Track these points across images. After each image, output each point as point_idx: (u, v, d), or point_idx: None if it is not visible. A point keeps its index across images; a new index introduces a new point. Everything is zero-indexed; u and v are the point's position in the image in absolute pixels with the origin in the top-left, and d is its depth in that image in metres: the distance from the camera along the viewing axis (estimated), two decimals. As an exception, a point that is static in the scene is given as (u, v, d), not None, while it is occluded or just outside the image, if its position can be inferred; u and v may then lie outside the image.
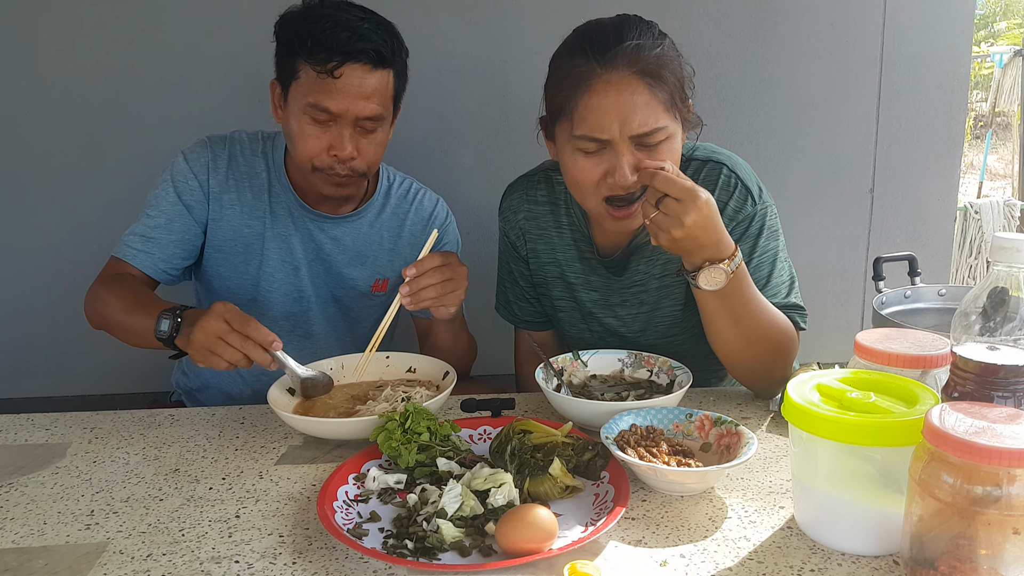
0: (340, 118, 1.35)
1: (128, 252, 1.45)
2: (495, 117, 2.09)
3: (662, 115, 1.18)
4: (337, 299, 1.60)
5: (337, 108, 1.33)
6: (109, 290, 1.39)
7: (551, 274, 1.47)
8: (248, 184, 1.50)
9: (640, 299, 1.41)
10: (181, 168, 1.47)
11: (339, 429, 1.13)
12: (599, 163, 1.21)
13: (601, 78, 1.17)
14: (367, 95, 1.34)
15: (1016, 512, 0.69)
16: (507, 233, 1.51)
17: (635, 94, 1.16)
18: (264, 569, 0.86)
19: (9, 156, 2.04)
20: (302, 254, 1.54)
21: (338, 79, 1.32)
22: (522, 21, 2.03)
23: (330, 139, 1.37)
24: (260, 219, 1.51)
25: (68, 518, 0.99)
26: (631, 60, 1.17)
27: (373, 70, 1.34)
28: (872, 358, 0.98)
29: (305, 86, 1.34)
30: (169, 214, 1.46)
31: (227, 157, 1.50)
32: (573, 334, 1.50)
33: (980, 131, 9.17)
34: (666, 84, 1.19)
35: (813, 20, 2.08)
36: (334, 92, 1.32)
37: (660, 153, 1.20)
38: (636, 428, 1.07)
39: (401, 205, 1.60)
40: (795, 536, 0.90)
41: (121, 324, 1.36)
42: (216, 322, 1.14)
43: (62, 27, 1.97)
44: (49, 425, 1.28)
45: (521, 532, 0.84)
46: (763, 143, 2.13)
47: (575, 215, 1.42)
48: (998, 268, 0.85)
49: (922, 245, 2.23)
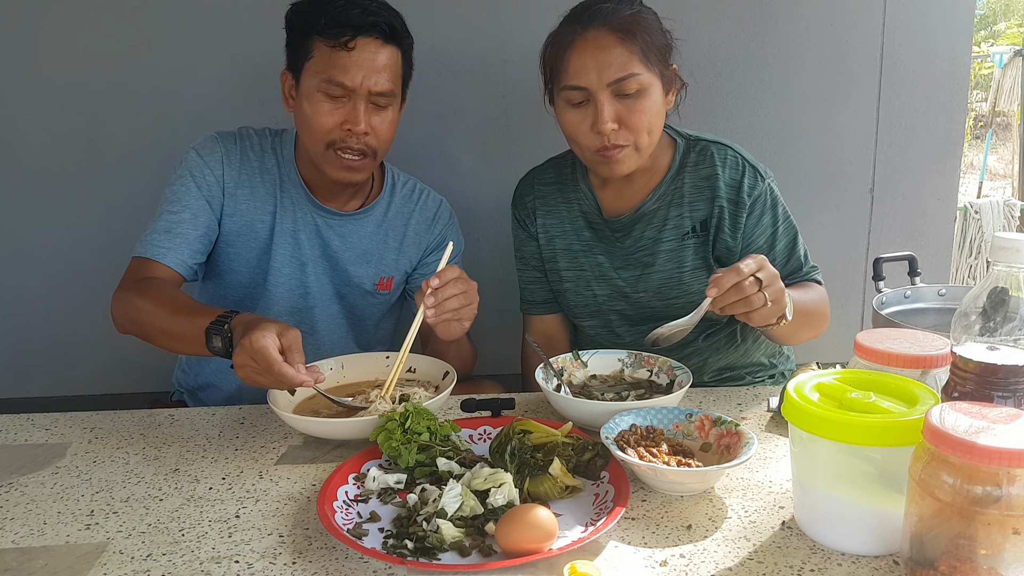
0: (354, 93, 1.37)
1: (156, 251, 1.41)
2: (495, 117, 2.09)
3: (636, 64, 1.31)
4: (341, 296, 1.60)
5: (352, 82, 1.36)
6: (144, 297, 1.33)
7: (559, 246, 1.55)
8: (260, 179, 1.51)
9: (643, 262, 1.48)
10: (197, 163, 1.47)
11: (339, 429, 1.13)
12: (585, 116, 1.34)
13: (581, 35, 1.32)
14: (379, 68, 1.38)
15: (1016, 512, 0.69)
16: (517, 217, 1.60)
17: (610, 46, 1.30)
18: (264, 569, 0.86)
19: (9, 156, 2.04)
20: (309, 250, 1.54)
21: (352, 51, 1.35)
22: (522, 21, 2.03)
23: (344, 114, 1.39)
24: (271, 213, 1.51)
25: (68, 518, 0.99)
26: (606, 19, 1.31)
27: (384, 44, 1.38)
28: (872, 358, 0.98)
29: (319, 63, 1.37)
30: (193, 209, 1.45)
31: (239, 152, 1.51)
32: (577, 303, 1.55)
33: (980, 131, 9.17)
34: (638, 40, 1.31)
35: (813, 20, 2.08)
36: (348, 66, 1.36)
37: (639, 103, 1.32)
38: (636, 428, 1.07)
39: (406, 204, 1.62)
40: (795, 536, 0.90)
41: (163, 332, 1.30)
42: (246, 360, 1.09)
43: (62, 26, 1.97)
44: (49, 425, 1.28)
45: (521, 532, 0.84)
46: (763, 143, 2.12)
47: (582, 190, 1.53)
48: (998, 268, 0.85)
49: (922, 245, 2.23)
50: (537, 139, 2.09)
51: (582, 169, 1.53)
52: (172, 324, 1.27)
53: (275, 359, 1.06)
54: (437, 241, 1.64)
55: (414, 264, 1.64)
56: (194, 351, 1.23)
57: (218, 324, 1.18)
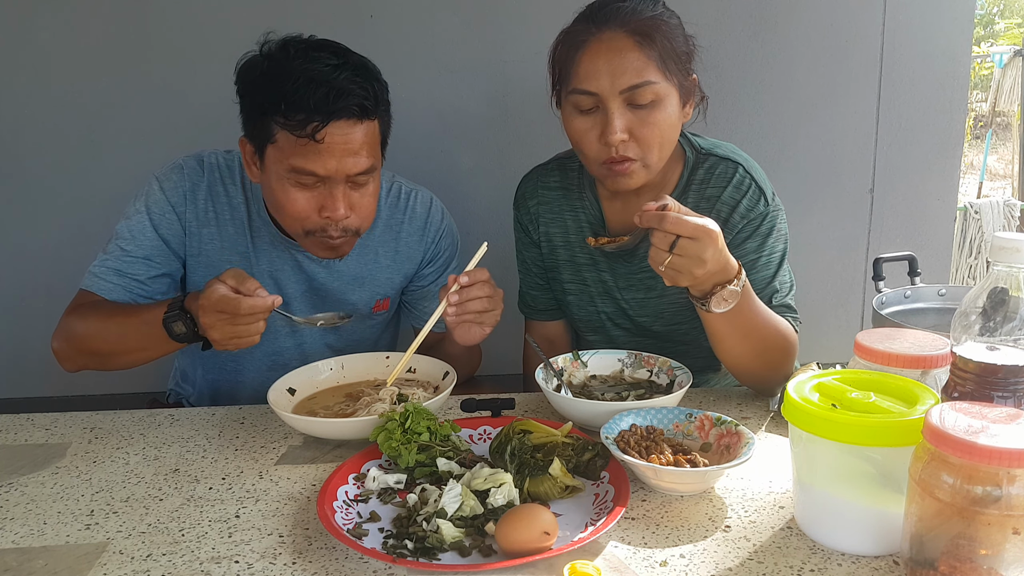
0: (329, 179, 1.23)
1: (102, 286, 1.32)
2: (495, 117, 2.09)
3: (653, 71, 1.21)
4: (336, 327, 1.49)
5: (325, 171, 1.21)
6: (85, 318, 1.28)
7: (562, 256, 1.48)
8: (229, 216, 1.39)
9: (648, 284, 1.42)
10: (157, 198, 1.36)
11: (339, 429, 1.13)
12: (594, 124, 1.25)
13: (595, 36, 1.22)
14: (355, 151, 1.22)
15: (1016, 512, 0.69)
16: (520, 220, 1.53)
17: (625, 51, 1.20)
18: (264, 569, 0.86)
19: (9, 156, 2.04)
20: (294, 288, 1.44)
21: (321, 142, 1.19)
22: (522, 21, 2.03)
23: (320, 200, 1.25)
24: (243, 254, 1.40)
25: (68, 518, 0.99)
26: (624, 21, 1.22)
27: (358, 123, 1.22)
28: (872, 358, 0.98)
29: (285, 150, 1.21)
30: (147, 249, 1.35)
31: (205, 186, 1.38)
32: (581, 317, 1.51)
33: (980, 131, 9.18)
34: (657, 45, 1.21)
35: (813, 20, 2.09)
36: (320, 154, 1.20)
37: (653, 115, 1.22)
38: (636, 428, 1.07)
39: (393, 216, 1.50)
40: (795, 536, 0.90)
41: (114, 347, 1.26)
42: (214, 318, 1.10)
43: (63, 28, 1.97)
44: (49, 425, 1.28)
45: (521, 532, 0.84)
46: (763, 143, 2.13)
47: (588, 199, 1.44)
48: (998, 268, 0.85)
49: (922, 245, 2.23)
50: (537, 139, 2.09)
51: (589, 176, 1.43)
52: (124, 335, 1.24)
53: (238, 298, 1.09)
54: (433, 250, 1.55)
55: (410, 277, 1.56)
56: (157, 350, 1.21)
57: (172, 311, 1.19)
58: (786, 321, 1.28)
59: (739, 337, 1.20)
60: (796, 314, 1.36)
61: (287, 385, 1.27)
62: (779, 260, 1.34)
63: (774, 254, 1.34)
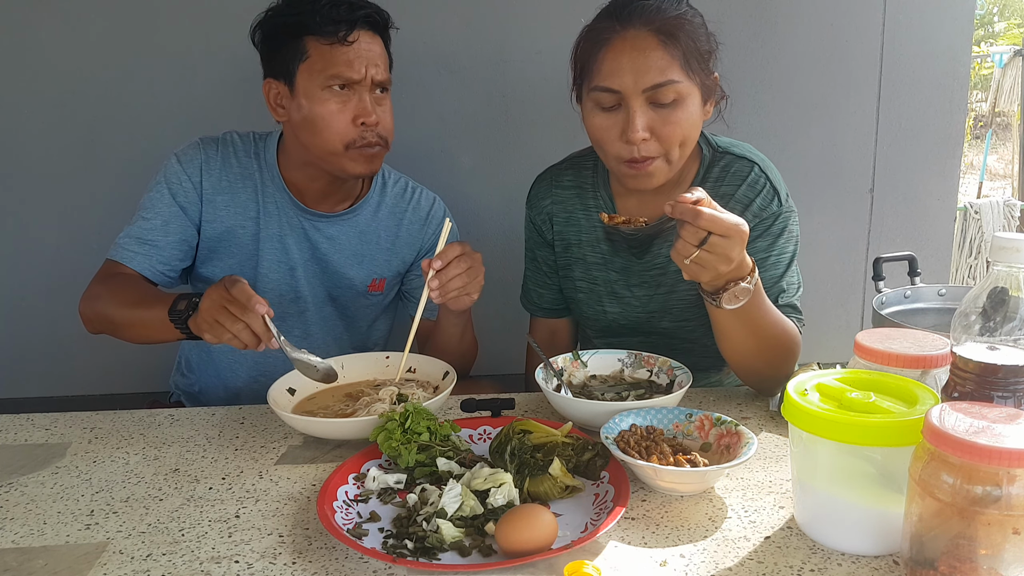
0: (359, 86, 1.39)
1: (124, 254, 1.44)
2: (495, 117, 2.09)
3: (676, 71, 1.21)
4: (333, 298, 1.60)
5: (358, 74, 1.37)
6: (109, 288, 1.39)
7: (575, 255, 1.49)
8: (242, 185, 1.50)
9: (658, 281, 1.42)
10: (175, 170, 1.47)
11: (339, 429, 1.13)
12: (616, 121, 1.24)
13: (619, 34, 1.22)
14: (377, 59, 1.40)
15: (1016, 512, 0.69)
16: (533, 220, 1.53)
17: (649, 49, 1.20)
18: (264, 569, 0.86)
19: (9, 156, 2.04)
20: (297, 254, 1.53)
21: (352, 45, 1.36)
22: (522, 21, 2.03)
23: (353, 110, 1.39)
24: (254, 219, 1.51)
25: (68, 518, 0.99)
26: (648, 18, 1.22)
27: (375, 36, 1.41)
28: (872, 358, 0.98)
29: (318, 61, 1.37)
30: (165, 216, 1.46)
31: (220, 158, 1.50)
32: (589, 315, 1.51)
33: (980, 131, 9.19)
34: (681, 44, 1.21)
35: (813, 20, 2.09)
36: (351, 59, 1.37)
37: (675, 114, 1.22)
38: (636, 428, 1.07)
39: (399, 204, 1.60)
40: (795, 536, 0.90)
41: (127, 319, 1.35)
42: (214, 294, 1.17)
43: (62, 27, 1.97)
44: (49, 425, 1.28)
45: (521, 532, 0.84)
46: (763, 143, 2.10)
47: (602, 198, 1.45)
48: (998, 268, 0.85)
49: (922, 245, 2.23)
50: (537, 139, 2.09)
51: (603, 174, 1.45)
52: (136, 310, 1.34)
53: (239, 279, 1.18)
54: (432, 241, 1.63)
55: (408, 265, 1.64)
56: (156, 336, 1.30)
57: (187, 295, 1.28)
58: (791, 321, 1.28)
59: (745, 334, 1.20)
60: (801, 315, 1.36)
61: (287, 385, 1.27)
62: (788, 260, 1.35)
63: (784, 254, 1.35)
